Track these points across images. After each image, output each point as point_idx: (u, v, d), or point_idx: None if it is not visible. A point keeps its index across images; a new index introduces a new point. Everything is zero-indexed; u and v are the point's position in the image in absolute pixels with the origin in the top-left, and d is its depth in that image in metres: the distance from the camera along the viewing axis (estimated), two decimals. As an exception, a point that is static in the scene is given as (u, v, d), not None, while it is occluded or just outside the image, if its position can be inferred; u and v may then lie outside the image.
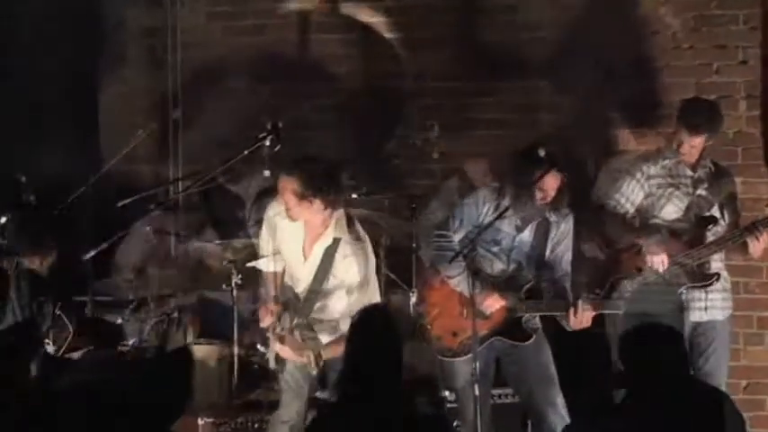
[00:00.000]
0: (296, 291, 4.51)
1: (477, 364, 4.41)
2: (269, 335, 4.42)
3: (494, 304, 4.63)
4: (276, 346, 4.38)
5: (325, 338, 4.39)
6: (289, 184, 4.28)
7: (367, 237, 4.46)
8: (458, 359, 4.69)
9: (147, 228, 5.56)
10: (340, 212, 4.39)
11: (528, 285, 4.66)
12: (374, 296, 4.50)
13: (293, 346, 4.33)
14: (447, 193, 5.75)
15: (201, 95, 6.23)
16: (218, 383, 5.19)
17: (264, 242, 4.60)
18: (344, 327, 4.07)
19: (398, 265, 5.51)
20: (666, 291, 4.92)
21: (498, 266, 4.70)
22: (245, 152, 4.97)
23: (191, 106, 6.29)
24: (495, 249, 4.64)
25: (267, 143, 4.80)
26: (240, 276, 5.17)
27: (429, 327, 4.78)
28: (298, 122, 5.75)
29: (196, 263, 5.68)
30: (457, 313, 4.71)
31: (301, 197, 4.25)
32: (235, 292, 5.18)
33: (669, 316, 4.83)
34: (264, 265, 4.59)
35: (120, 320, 5.41)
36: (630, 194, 5.02)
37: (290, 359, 4.40)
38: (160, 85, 6.35)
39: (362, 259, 4.37)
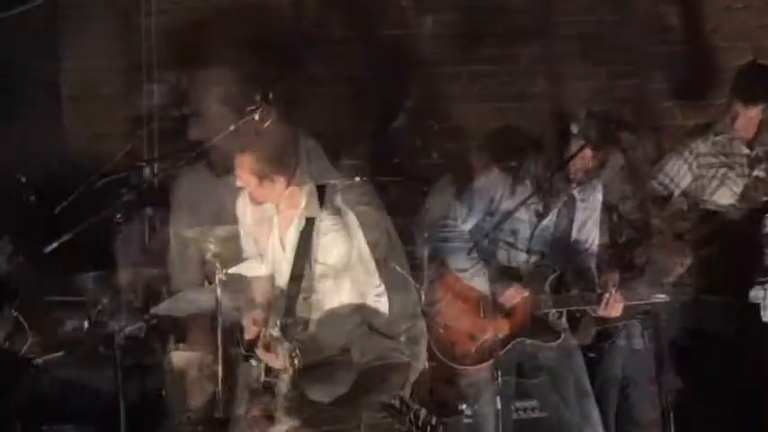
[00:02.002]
0: (284, 289, 4.33)
1: (499, 371, 4.31)
2: (257, 348, 4.27)
3: (515, 296, 4.49)
4: (261, 354, 4.22)
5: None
6: (245, 163, 4.16)
7: (349, 210, 4.27)
8: (476, 367, 4.54)
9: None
10: (310, 187, 4.25)
11: (552, 277, 4.54)
12: (370, 278, 4.28)
13: (277, 351, 4.15)
14: (439, 193, 5.63)
15: (181, 65, 5.98)
16: (199, 396, 5.09)
17: (246, 242, 4.46)
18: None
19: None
20: None
21: (517, 258, 4.56)
22: (231, 128, 4.84)
23: (169, 77, 6.06)
24: (510, 240, 4.50)
25: (256, 117, 4.71)
26: (225, 272, 5.05)
27: (441, 331, 4.63)
28: (289, 96, 5.63)
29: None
30: (473, 312, 4.56)
31: (261, 176, 4.14)
32: (219, 291, 5.05)
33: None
34: (248, 269, 4.46)
35: (87, 325, 5.21)
36: (676, 175, 4.96)
37: (276, 366, 4.22)
38: (133, 55, 6.20)
39: (345, 234, 4.20)
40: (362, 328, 4.14)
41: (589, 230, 4.61)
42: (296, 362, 4.08)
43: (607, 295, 4.42)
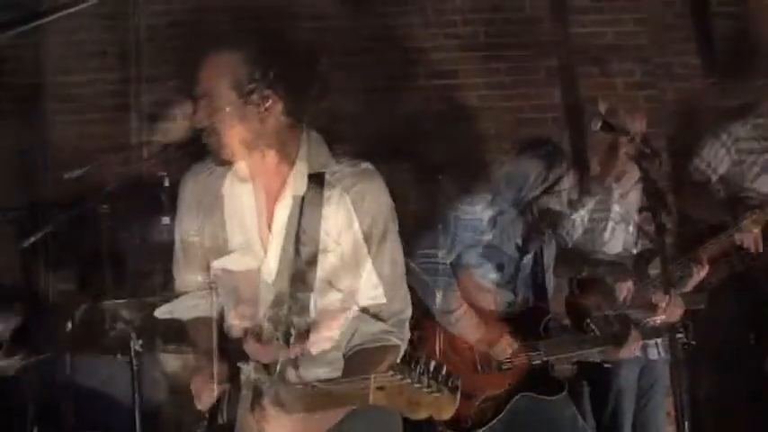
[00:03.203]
0: (272, 284, 4.13)
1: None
2: (245, 345, 4.06)
3: (507, 349, 4.36)
4: (250, 350, 4.04)
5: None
6: (235, 134, 4.05)
7: (345, 193, 4.04)
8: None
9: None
10: (302, 166, 4.12)
11: (546, 320, 4.45)
12: (362, 262, 4.04)
13: (268, 346, 3.98)
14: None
15: (170, 48, 6.03)
16: (191, 401, 5.03)
17: (231, 230, 4.22)
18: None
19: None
20: None
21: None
22: (226, 110, 4.78)
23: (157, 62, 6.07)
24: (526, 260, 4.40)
25: (254, 98, 4.60)
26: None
27: None
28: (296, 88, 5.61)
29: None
30: (468, 367, 4.38)
31: (250, 148, 4.06)
32: (214, 297, 4.99)
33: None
34: (234, 262, 4.24)
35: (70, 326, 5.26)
36: (713, 160, 4.91)
37: (266, 360, 4.01)
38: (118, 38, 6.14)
39: (337, 210, 4.04)
40: (356, 311, 4.04)
41: (617, 237, 4.61)
42: (291, 351, 3.95)
43: (666, 299, 4.33)
